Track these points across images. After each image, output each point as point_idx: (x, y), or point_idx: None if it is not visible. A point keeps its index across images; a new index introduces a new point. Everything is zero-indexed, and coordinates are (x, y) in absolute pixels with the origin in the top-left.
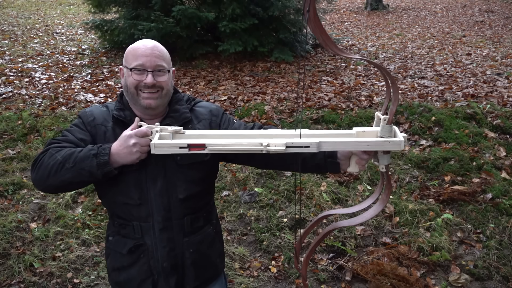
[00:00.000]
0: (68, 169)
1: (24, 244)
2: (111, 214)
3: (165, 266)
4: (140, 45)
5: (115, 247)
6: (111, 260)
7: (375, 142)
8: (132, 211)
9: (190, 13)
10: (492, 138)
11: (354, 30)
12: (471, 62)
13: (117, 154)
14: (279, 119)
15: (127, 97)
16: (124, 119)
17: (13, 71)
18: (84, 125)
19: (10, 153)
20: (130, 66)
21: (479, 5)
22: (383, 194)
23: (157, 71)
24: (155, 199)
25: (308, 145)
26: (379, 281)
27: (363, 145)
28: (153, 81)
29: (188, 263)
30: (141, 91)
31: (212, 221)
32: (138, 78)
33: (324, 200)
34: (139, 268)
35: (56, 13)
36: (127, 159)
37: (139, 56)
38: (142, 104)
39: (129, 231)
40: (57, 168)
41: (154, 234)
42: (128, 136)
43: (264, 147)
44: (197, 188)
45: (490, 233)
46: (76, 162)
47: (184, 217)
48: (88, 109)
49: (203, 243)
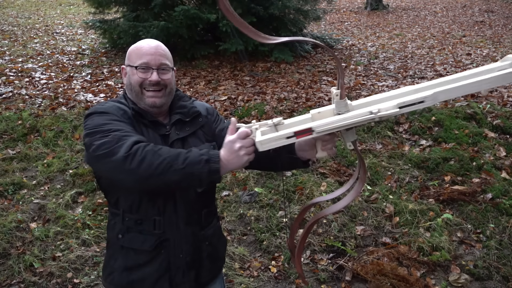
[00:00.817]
0: (177, 171)
1: (24, 244)
2: (122, 211)
3: (187, 260)
4: (144, 44)
5: (131, 244)
6: (124, 260)
7: (495, 77)
8: (154, 205)
9: (192, 14)
10: (492, 138)
11: (354, 30)
12: (471, 62)
13: (227, 161)
14: None
15: (130, 95)
16: (142, 113)
17: (13, 71)
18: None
19: (10, 153)
20: (134, 64)
21: (479, 5)
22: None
23: (162, 69)
24: (179, 192)
25: (422, 100)
26: (379, 281)
27: (484, 83)
28: (158, 78)
29: (205, 256)
30: (145, 89)
31: (217, 215)
32: (143, 76)
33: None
34: (158, 265)
35: (56, 13)
36: (238, 164)
37: (143, 54)
38: (147, 102)
39: (147, 226)
40: (163, 168)
41: (178, 229)
42: (231, 142)
43: (375, 114)
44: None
45: (490, 233)
46: (187, 165)
47: (202, 210)
48: (102, 105)
49: (214, 236)
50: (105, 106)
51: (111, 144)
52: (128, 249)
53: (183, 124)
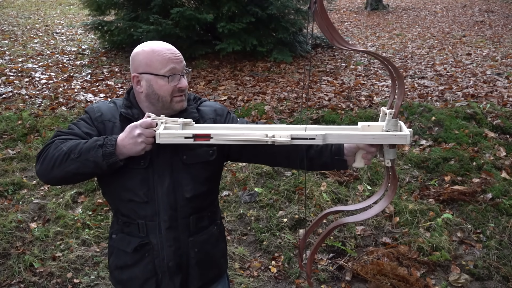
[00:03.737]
0: (73, 160)
1: (24, 244)
2: (115, 211)
3: (170, 265)
4: (164, 50)
5: (119, 245)
6: (114, 259)
7: (380, 135)
8: (138, 209)
9: (188, 15)
10: (492, 138)
11: (354, 30)
12: (471, 62)
13: (123, 145)
14: (279, 119)
15: (153, 105)
16: (132, 117)
17: (13, 71)
18: (91, 120)
19: (10, 153)
20: (160, 73)
21: (479, 5)
22: (389, 189)
23: (184, 72)
24: (162, 197)
25: (313, 137)
26: (379, 281)
27: (368, 138)
28: (186, 84)
29: (193, 263)
30: (175, 96)
31: (217, 221)
32: (174, 84)
33: (324, 200)
34: (143, 267)
35: (56, 13)
36: (133, 150)
37: (168, 61)
38: (177, 108)
39: (133, 229)
40: (62, 159)
41: (160, 233)
42: (133, 127)
43: (270, 138)
44: (203, 188)
45: (490, 233)
46: (82, 153)
47: (190, 216)
48: (95, 105)
49: (208, 243)
50: (89, 110)
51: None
52: (119, 249)
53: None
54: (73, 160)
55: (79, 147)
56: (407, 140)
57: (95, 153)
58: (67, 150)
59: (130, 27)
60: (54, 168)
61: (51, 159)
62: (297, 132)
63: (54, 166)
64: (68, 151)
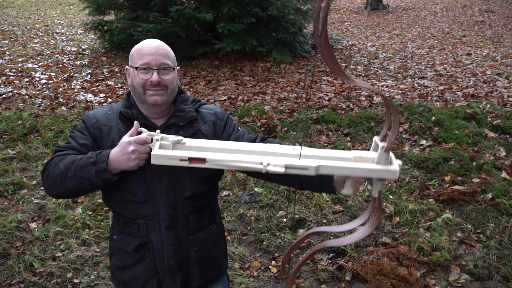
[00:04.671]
0: (70, 178)
1: (24, 244)
2: (115, 213)
3: (171, 264)
4: (145, 45)
5: (120, 245)
6: (116, 259)
7: (371, 170)
8: (137, 209)
9: (187, 14)
10: (492, 138)
11: (354, 30)
12: (471, 62)
13: (116, 161)
14: (279, 119)
15: (134, 96)
16: (132, 117)
17: (13, 71)
18: (86, 128)
19: (10, 153)
20: (135, 65)
21: (479, 5)
22: (373, 218)
23: (162, 69)
24: (161, 196)
25: (307, 168)
26: (379, 281)
27: (359, 171)
28: (158, 79)
29: (193, 261)
30: (147, 89)
31: (217, 220)
32: (144, 76)
33: (324, 200)
34: (144, 267)
35: (56, 13)
36: (125, 165)
37: (144, 55)
38: (149, 101)
39: (133, 229)
40: (60, 177)
41: (160, 232)
42: (127, 143)
43: (264, 167)
44: (202, 187)
45: (490, 233)
46: (77, 171)
47: (189, 215)
48: (91, 112)
49: (208, 241)
50: (85, 118)
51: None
52: (120, 250)
53: (178, 128)
54: (70, 178)
55: (74, 164)
56: (396, 176)
57: (89, 171)
58: (64, 168)
59: (130, 27)
60: (56, 186)
61: (51, 177)
62: (291, 162)
63: (55, 184)
64: (65, 170)
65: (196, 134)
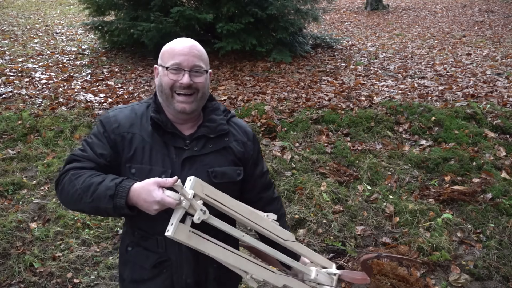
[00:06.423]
0: (87, 204)
1: (24, 244)
2: (131, 225)
3: (188, 282)
4: (178, 44)
5: (136, 259)
6: (130, 272)
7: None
8: (157, 225)
9: (188, 15)
10: (492, 138)
11: (354, 30)
12: (471, 62)
13: (136, 202)
14: (279, 119)
15: (160, 98)
16: (162, 124)
17: (13, 71)
18: (105, 134)
19: (10, 153)
20: (166, 65)
21: (479, 5)
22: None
23: (194, 71)
24: None
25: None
26: (379, 281)
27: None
28: (190, 81)
29: (211, 278)
30: (176, 92)
31: (235, 239)
32: (174, 77)
33: (324, 200)
34: (161, 283)
35: (56, 13)
36: (144, 208)
37: (176, 54)
38: (176, 108)
39: (151, 244)
40: (76, 198)
41: (180, 250)
42: (153, 201)
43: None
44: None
45: (490, 233)
46: (94, 199)
47: (208, 233)
48: (112, 114)
49: None
50: (105, 121)
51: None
52: (135, 264)
53: (207, 140)
54: (86, 204)
55: (92, 189)
56: None
57: (106, 203)
58: (80, 190)
59: (130, 27)
60: (71, 205)
61: (66, 195)
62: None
63: (70, 203)
64: (81, 193)
65: (226, 149)
